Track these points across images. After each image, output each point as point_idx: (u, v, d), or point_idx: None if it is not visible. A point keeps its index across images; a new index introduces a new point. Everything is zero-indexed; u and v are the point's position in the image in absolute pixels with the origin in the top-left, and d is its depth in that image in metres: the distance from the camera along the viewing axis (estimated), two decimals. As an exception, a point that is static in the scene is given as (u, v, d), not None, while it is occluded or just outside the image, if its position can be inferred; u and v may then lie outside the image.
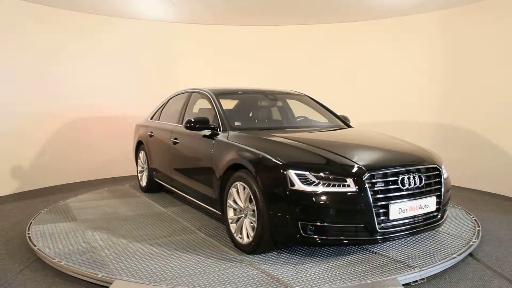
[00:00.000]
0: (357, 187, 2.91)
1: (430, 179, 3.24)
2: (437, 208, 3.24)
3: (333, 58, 7.50)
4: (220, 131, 3.93)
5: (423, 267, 3.01)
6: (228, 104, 4.58)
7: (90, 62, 6.96)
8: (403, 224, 3.06)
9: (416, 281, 2.94)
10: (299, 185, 2.93)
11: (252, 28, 7.62)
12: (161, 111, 5.59)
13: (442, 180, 3.32)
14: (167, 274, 2.95)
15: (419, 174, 3.15)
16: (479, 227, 3.98)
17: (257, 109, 4.71)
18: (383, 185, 2.99)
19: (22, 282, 3.01)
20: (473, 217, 4.37)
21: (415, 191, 3.11)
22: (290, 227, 2.96)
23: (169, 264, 3.13)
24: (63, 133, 6.69)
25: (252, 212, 3.24)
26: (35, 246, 3.51)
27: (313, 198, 2.89)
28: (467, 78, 6.16)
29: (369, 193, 2.90)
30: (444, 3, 6.19)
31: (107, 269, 3.02)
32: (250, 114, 4.57)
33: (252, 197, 3.18)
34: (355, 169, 2.98)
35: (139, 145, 5.91)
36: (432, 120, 6.61)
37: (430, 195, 3.19)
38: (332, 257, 3.24)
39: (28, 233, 3.87)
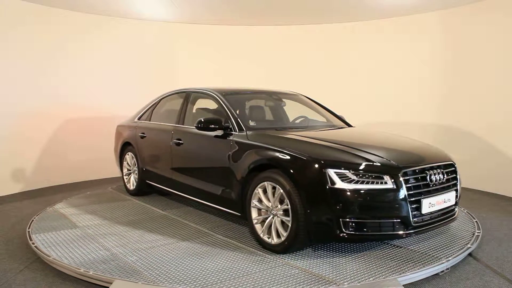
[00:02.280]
0: (394, 183, 3.03)
1: (448, 175, 3.46)
2: (455, 202, 3.48)
3: (333, 58, 7.53)
4: (235, 131, 3.88)
5: (448, 257, 3.21)
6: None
7: (90, 62, 6.83)
8: (431, 218, 3.24)
9: (443, 271, 3.11)
10: (339, 184, 2.99)
11: (252, 28, 7.58)
12: (152, 112, 5.39)
13: (458, 176, 3.55)
14: (210, 278, 2.88)
15: (441, 170, 3.36)
16: (475, 219, 4.29)
17: (264, 109, 4.70)
18: (414, 181, 3.14)
19: (22, 282, 2.97)
20: (464, 209, 4.69)
21: (439, 186, 3.30)
22: (331, 225, 3.02)
23: (205, 268, 3.05)
24: (61, 133, 6.57)
25: (283, 212, 3.25)
26: (48, 256, 3.25)
27: (355, 196, 2.97)
28: (467, 79, 6.16)
29: (405, 189, 3.04)
30: (444, 3, 6.18)
31: (143, 277, 2.89)
32: (259, 114, 4.54)
33: (285, 197, 3.19)
34: (391, 167, 3.11)
35: (125, 147, 5.66)
36: (433, 120, 6.68)
37: (451, 189, 3.42)
38: (360, 253, 3.34)
39: (33, 242, 3.58)
